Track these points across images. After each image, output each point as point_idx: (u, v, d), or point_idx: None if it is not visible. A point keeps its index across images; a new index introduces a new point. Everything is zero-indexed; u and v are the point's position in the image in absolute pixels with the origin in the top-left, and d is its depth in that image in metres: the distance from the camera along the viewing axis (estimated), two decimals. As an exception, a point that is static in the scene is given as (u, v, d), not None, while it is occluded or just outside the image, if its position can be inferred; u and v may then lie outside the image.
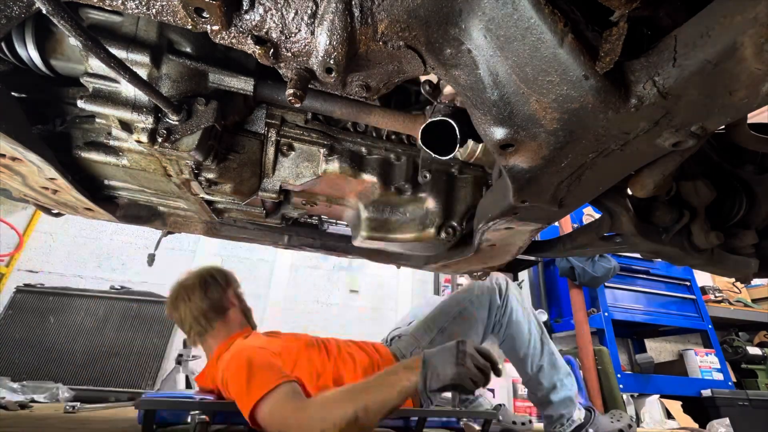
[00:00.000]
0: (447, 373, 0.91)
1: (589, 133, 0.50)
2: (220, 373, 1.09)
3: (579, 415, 1.55)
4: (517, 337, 1.54)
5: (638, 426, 2.61)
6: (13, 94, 0.71)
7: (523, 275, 3.83)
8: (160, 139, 0.70)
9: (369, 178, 0.92)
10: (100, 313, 2.51)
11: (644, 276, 3.23)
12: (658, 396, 2.71)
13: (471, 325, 1.49)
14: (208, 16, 0.48)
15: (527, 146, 0.54)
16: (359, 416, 0.87)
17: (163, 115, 0.69)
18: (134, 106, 0.68)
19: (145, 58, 0.67)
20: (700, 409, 2.67)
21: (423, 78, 0.72)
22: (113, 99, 0.68)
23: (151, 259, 1.40)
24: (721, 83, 0.41)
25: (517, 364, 1.60)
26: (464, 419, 1.55)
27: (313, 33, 0.50)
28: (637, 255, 1.38)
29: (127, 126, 0.72)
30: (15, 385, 1.99)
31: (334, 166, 0.90)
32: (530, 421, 1.89)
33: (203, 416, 1.01)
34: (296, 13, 0.49)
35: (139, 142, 0.70)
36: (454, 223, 0.99)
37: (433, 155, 0.65)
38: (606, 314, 2.92)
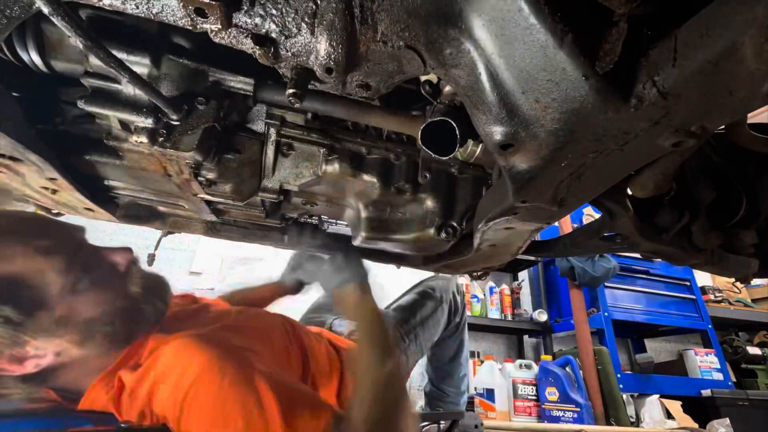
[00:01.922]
0: None
1: (589, 133, 0.50)
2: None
3: None
4: (464, 353, 1.45)
5: (638, 426, 2.61)
6: (13, 94, 0.71)
7: (523, 275, 3.83)
8: (160, 139, 0.70)
9: (369, 178, 0.92)
10: (100, 313, 2.50)
11: (644, 276, 3.23)
12: (658, 396, 2.71)
13: (436, 328, 1.34)
14: (208, 16, 0.48)
15: (527, 146, 0.54)
16: None
17: (163, 115, 0.69)
18: (134, 106, 0.68)
19: (145, 59, 0.67)
20: (700, 409, 2.67)
21: (423, 78, 0.72)
22: (113, 99, 0.68)
23: (151, 259, 1.40)
24: (721, 83, 0.41)
25: (451, 378, 1.46)
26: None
27: (313, 33, 0.50)
28: (637, 255, 1.38)
29: (127, 126, 0.72)
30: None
31: (334, 166, 0.90)
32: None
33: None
34: (296, 13, 0.49)
35: (139, 142, 0.70)
36: (454, 223, 0.99)
37: (433, 155, 0.65)
38: (606, 314, 2.92)
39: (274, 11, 0.49)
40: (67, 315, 0.63)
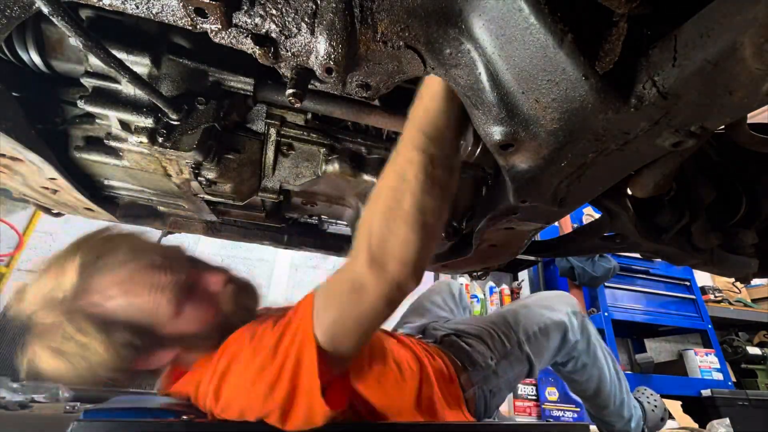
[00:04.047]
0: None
1: (588, 133, 0.50)
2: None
3: (640, 415, 1.47)
4: (603, 373, 1.32)
5: (638, 426, 2.61)
6: (13, 94, 0.71)
7: (523, 275, 3.83)
8: (160, 139, 0.70)
9: (369, 178, 0.92)
10: (100, 313, 2.50)
11: (644, 276, 3.23)
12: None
13: (547, 345, 1.19)
14: (208, 16, 0.48)
15: (527, 146, 0.54)
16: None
17: (163, 115, 0.69)
18: (134, 106, 0.68)
19: (145, 59, 0.67)
20: (700, 409, 2.66)
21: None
22: (113, 99, 0.68)
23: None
24: (720, 83, 0.41)
25: (595, 403, 1.37)
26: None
27: (313, 33, 0.50)
28: (637, 255, 1.37)
29: (127, 126, 0.72)
30: (15, 385, 1.99)
31: (334, 166, 0.90)
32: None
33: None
34: (296, 13, 0.49)
35: (139, 142, 0.70)
36: (454, 223, 0.99)
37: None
38: (606, 314, 2.92)
39: (274, 11, 0.49)
40: (173, 334, 0.74)
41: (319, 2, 0.48)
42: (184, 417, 0.73)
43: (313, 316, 0.64)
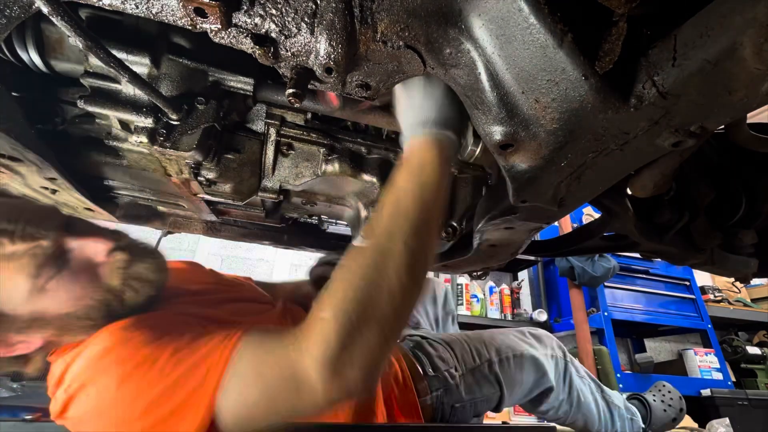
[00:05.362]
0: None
1: (588, 132, 0.50)
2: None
3: (638, 423, 1.43)
4: (589, 416, 1.29)
5: (638, 426, 2.61)
6: (13, 94, 0.71)
7: (523, 275, 3.83)
8: (160, 139, 0.70)
9: (369, 178, 0.92)
10: (100, 312, 2.50)
11: (644, 276, 3.23)
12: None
13: (520, 378, 1.12)
14: (208, 16, 0.48)
15: (527, 146, 0.54)
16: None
17: (163, 115, 0.69)
18: (134, 106, 0.68)
19: (144, 58, 0.67)
20: (700, 408, 2.67)
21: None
22: (113, 99, 0.68)
23: (151, 258, 1.40)
24: (720, 83, 0.41)
25: None
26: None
27: (312, 33, 0.50)
28: (637, 255, 1.38)
29: (126, 126, 0.72)
30: (15, 385, 1.99)
31: (334, 165, 0.90)
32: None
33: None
34: (296, 13, 0.49)
35: (139, 142, 0.70)
36: (454, 223, 0.99)
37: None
38: (605, 314, 2.92)
39: (273, 11, 0.49)
40: (37, 315, 0.61)
41: (319, 2, 0.49)
42: (27, 416, 0.64)
43: (223, 381, 0.52)
